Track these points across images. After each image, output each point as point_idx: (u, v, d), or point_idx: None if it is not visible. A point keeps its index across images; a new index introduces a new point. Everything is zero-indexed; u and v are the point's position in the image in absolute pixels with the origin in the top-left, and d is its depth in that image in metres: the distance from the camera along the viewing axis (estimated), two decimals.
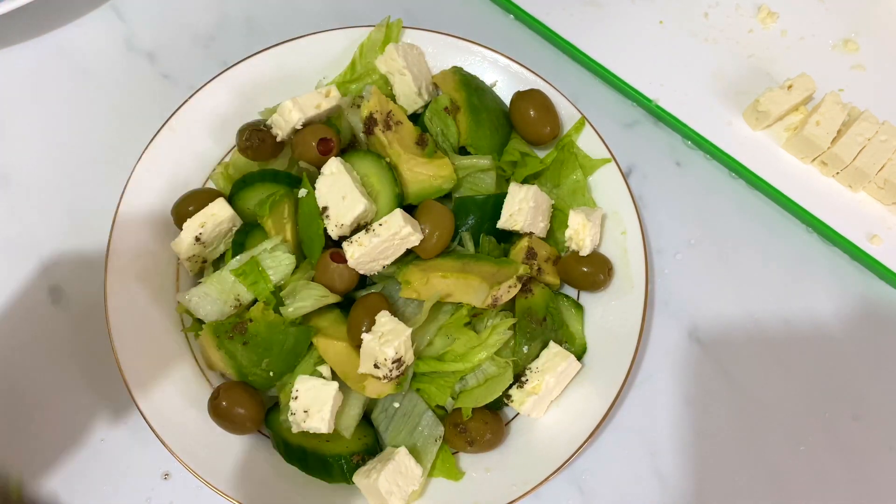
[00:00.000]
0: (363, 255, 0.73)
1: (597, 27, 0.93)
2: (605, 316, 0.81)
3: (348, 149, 0.82)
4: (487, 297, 0.74)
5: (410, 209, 0.77)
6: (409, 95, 0.82)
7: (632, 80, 0.91)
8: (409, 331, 0.70)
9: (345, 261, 0.74)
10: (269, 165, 0.82)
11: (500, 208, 0.79)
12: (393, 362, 0.70)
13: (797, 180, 0.88)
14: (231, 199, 0.80)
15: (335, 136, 0.78)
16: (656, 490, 0.81)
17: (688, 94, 0.91)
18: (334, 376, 0.74)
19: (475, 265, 0.76)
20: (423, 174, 0.78)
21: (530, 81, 0.85)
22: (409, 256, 0.77)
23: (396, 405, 0.76)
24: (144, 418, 0.74)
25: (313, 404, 0.71)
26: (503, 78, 0.87)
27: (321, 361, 0.75)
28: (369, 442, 0.76)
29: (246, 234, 0.78)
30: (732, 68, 0.93)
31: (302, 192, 0.77)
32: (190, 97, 0.83)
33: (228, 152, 0.85)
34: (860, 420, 0.84)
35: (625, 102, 0.93)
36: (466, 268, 0.76)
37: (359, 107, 0.82)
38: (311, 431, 0.72)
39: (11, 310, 0.85)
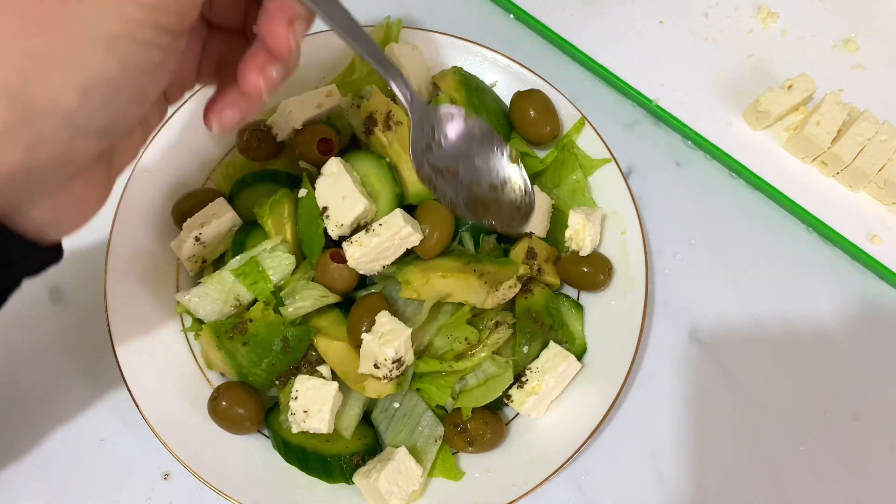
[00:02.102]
0: (363, 255, 0.73)
1: (597, 27, 0.93)
2: (605, 316, 0.81)
3: (348, 149, 0.82)
4: (487, 297, 0.74)
5: (410, 209, 0.77)
6: None
7: (632, 80, 0.91)
8: (409, 331, 0.70)
9: (345, 261, 0.74)
10: (269, 165, 0.82)
11: None
12: (393, 362, 0.70)
13: (797, 180, 0.88)
14: (231, 199, 0.80)
15: (335, 136, 0.78)
16: (656, 490, 0.81)
17: (688, 94, 0.91)
18: (334, 376, 0.74)
19: (475, 265, 0.76)
20: None
21: (530, 81, 0.85)
22: (409, 256, 0.77)
23: (396, 405, 0.76)
24: (144, 418, 0.74)
25: (313, 404, 0.71)
26: (503, 78, 0.87)
27: (321, 361, 0.75)
28: (369, 442, 0.76)
29: (246, 234, 0.78)
30: (732, 68, 0.93)
31: (302, 192, 0.77)
32: (190, 97, 0.83)
33: (228, 152, 0.85)
34: (860, 420, 0.84)
35: (625, 102, 0.93)
36: (466, 268, 0.76)
37: (359, 107, 0.82)
38: (310, 431, 0.72)
39: (11, 310, 0.85)
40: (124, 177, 0.80)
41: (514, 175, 0.69)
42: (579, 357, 0.80)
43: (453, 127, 0.67)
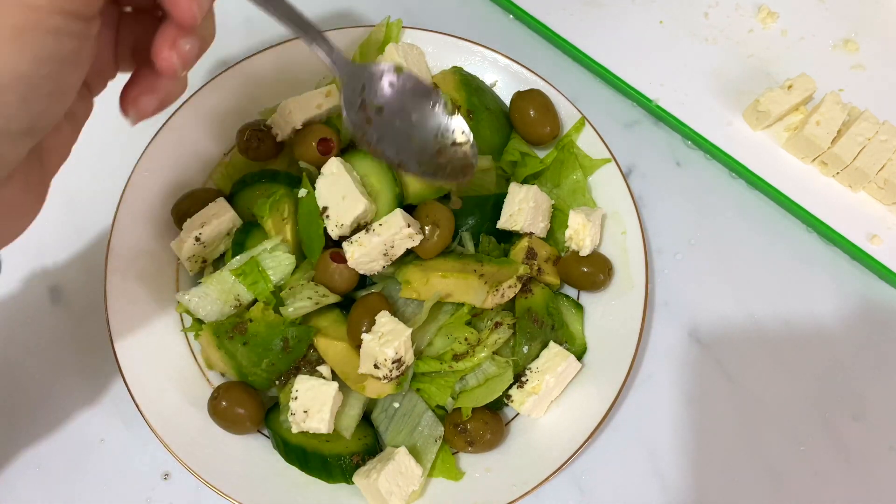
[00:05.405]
0: (363, 255, 0.73)
1: (597, 27, 0.93)
2: (605, 316, 0.81)
3: (348, 149, 0.82)
4: (487, 297, 0.74)
5: (410, 209, 0.77)
6: None
7: (632, 80, 0.91)
8: (409, 331, 0.70)
9: (345, 261, 0.74)
10: (269, 165, 0.82)
11: (500, 208, 0.79)
12: (393, 362, 0.70)
13: (797, 180, 0.88)
14: (231, 199, 0.80)
15: (335, 136, 0.78)
16: (656, 490, 0.81)
17: (688, 94, 0.91)
18: (334, 376, 0.74)
19: (475, 265, 0.76)
20: None
21: (530, 81, 0.85)
22: (409, 256, 0.77)
23: (396, 405, 0.76)
24: (144, 418, 0.74)
25: (313, 404, 0.71)
26: (503, 78, 0.87)
27: (321, 361, 0.75)
28: (369, 442, 0.76)
29: (246, 234, 0.78)
30: (732, 68, 0.93)
31: (302, 192, 0.77)
32: (190, 97, 0.83)
33: (228, 152, 0.85)
34: (860, 420, 0.84)
35: (625, 102, 0.93)
36: (466, 268, 0.76)
37: None
38: (310, 431, 0.72)
39: (11, 310, 0.85)
40: (124, 177, 0.80)
41: (453, 125, 0.68)
42: (579, 357, 0.80)
43: (385, 84, 0.66)
